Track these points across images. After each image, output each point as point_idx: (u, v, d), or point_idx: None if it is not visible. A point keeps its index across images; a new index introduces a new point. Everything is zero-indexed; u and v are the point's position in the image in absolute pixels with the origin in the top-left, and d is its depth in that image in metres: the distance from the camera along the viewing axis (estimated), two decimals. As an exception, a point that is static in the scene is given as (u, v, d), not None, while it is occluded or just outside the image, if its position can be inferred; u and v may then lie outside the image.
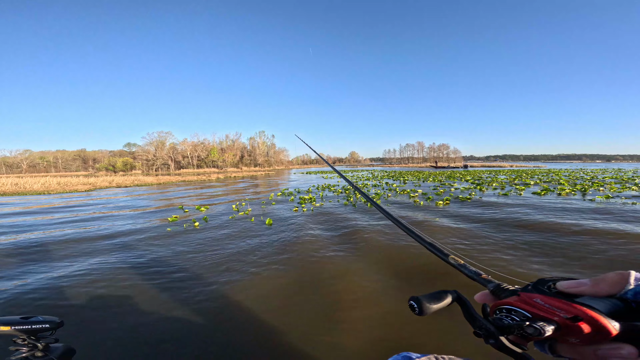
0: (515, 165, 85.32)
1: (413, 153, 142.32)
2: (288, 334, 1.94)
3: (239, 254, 3.62)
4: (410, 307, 0.40)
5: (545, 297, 0.33)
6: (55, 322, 0.82)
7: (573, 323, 0.29)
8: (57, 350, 0.85)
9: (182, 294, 2.55)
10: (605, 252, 3.42)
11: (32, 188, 16.51)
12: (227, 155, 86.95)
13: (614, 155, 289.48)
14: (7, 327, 0.76)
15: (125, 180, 22.31)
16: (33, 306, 2.39)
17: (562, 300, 0.31)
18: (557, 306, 0.31)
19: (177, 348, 1.81)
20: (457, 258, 0.49)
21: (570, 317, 0.29)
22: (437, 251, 0.53)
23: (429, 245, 0.54)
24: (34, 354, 0.80)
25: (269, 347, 1.83)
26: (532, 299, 0.34)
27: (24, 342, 0.80)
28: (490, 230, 4.58)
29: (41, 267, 3.35)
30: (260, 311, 2.24)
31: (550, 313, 0.32)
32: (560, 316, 0.30)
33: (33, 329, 0.79)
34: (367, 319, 2.11)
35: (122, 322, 2.11)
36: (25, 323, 0.78)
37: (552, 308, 0.32)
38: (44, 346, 0.82)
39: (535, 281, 0.36)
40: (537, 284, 0.36)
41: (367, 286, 2.65)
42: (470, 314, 0.39)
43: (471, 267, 0.47)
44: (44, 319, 0.81)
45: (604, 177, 17.05)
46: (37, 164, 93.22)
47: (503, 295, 0.39)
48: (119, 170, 72.68)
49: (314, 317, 2.15)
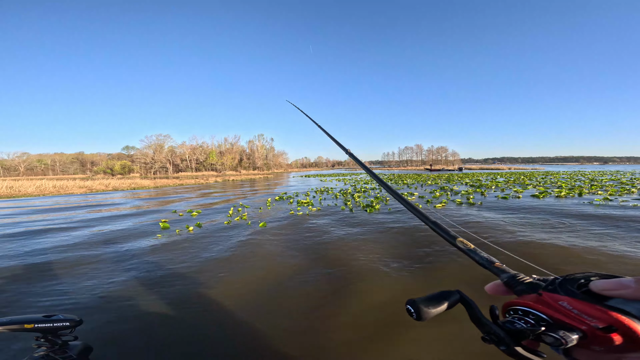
0: (513, 167, 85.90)
1: (412, 156, 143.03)
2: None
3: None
4: (408, 312, 0.35)
5: (573, 299, 0.27)
6: (75, 321, 0.86)
7: (605, 334, 0.25)
8: (76, 347, 0.88)
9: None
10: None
11: (27, 191, 16.43)
12: (226, 158, 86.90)
13: (611, 157, 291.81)
14: (31, 324, 0.80)
15: (122, 184, 22.24)
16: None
17: (595, 305, 0.26)
18: (588, 312, 0.26)
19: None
20: (466, 242, 0.44)
21: (603, 326, 0.25)
22: (443, 232, 0.47)
23: (433, 224, 0.49)
24: (55, 351, 0.84)
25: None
26: (557, 302, 0.28)
27: (45, 340, 0.83)
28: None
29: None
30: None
31: (577, 320, 0.26)
32: (590, 325, 0.25)
33: (54, 327, 0.82)
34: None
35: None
36: (47, 321, 0.82)
37: (580, 314, 0.26)
38: (64, 343, 0.86)
39: (563, 278, 0.30)
40: (564, 282, 0.29)
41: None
42: (476, 317, 0.33)
43: (482, 253, 0.41)
44: (64, 318, 0.84)
45: (605, 178, 17.22)
46: (34, 166, 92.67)
47: (519, 289, 0.33)
48: (117, 174, 72.36)
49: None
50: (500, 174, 28.92)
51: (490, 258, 0.40)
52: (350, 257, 3.48)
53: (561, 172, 31.47)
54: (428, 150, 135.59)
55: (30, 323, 0.80)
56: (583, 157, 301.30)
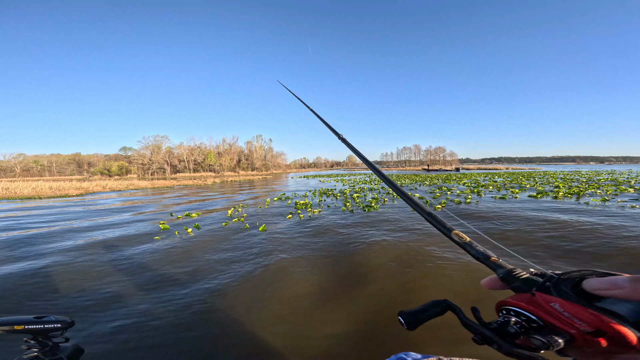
0: (510, 167, 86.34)
1: (410, 156, 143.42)
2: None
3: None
4: (400, 322, 0.36)
5: (565, 302, 0.27)
6: (67, 322, 0.84)
7: (593, 338, 0.24)
8: (67, 349, 0.86)
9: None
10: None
11: (23, 192, 16.28)
12: (224, 159, 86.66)
13: (607, 157, 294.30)
14: (21, 326, 0.78)
15: (119, 185, 22.08)
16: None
17: (586, 308, 0.25)
18: (578, 315, 0.25)
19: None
20: (462, 234, 0.42)
21: (591, 330, 0.24)
22: (439, 224, 0.46)
23: (428, 215, 0.48)
24: (45, 352, 0.82)
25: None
26: (549, 303, 0.28)
27: (35, 342, 0.82)
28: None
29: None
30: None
31: (567, 324, 0.26)
32: (579, 329, 0.25)
33: (45, 328, 0.80)
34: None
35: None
36: (38, 322, 0.80)
37: (571, 317, 0.26)
38: (54, 345, 0.84)
39: (558, 277, 0.30)
40: (558, 282, 0.29)
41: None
42: (464, 321, 0.34)
43: (478, 246, 0.40)
44: (56, 319, 0.82)
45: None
46: (31, 168, 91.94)
47: (514, 284, 0.33)
48: (114, 175, 71.93)
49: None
50: (498, 174, 29.04)
51: (487, 252, 0.39)
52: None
53: (558, 172, 31.69)
54: (426, 150, 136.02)
55: (20, 324, 0.78)
56: (579, 157, 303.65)
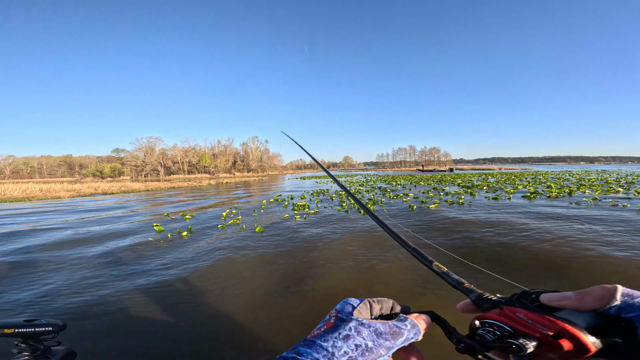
0: (503, 167, 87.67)
1: (405, 157, 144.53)
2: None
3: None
4: None
5: (528, 311, 0.32)
6: (58, 325, 0.83)
7: (554, 340, 0.29)
8: (59, 353, 0.85)
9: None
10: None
11: (12, 195, 15.91)
12: (219, 160, 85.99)
13: (597, 157, 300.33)
14: (11, 329, 0.77)
15: (111, 187, 21.71)
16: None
17: (544, 315, 0.30)
18: (539, 322, 0.30)
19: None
20: (441, 265, 0.49)
21: (552, 333, 0.29)
22: (421, 257, 0.53)
23: (413, 250, 0.55)
24: (36, 356, 0.81)
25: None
26: (515, 314, 0.33)
27: (26, 345, 0.80)
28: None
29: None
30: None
31: (531, 329, 0.31)
32: (542, 332, 0.30)
33: (36, 332, 0.80)
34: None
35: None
36: (28, 326, 0.79)
37: (534, 323, 0.31)
38: (46, 349, 0.83)
39: (520, 293, 0.35)
40: (521, 297, 0.35)
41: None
42: (448, 331, 0.38)
43: (454, 275, 0.47)
44: (47, 322, 0.81)
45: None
46: (20, 169, 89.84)
47: (485, 306, 0.38)
48: (107, 176, 70.76)
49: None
50: (492, 174, 29.41)
51: (460, 279, 0.45)
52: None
53: (549, 172, 32.26)
54: (421, 151, 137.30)
55: (11, 328, 0.77)
56: (570, 157, 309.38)
